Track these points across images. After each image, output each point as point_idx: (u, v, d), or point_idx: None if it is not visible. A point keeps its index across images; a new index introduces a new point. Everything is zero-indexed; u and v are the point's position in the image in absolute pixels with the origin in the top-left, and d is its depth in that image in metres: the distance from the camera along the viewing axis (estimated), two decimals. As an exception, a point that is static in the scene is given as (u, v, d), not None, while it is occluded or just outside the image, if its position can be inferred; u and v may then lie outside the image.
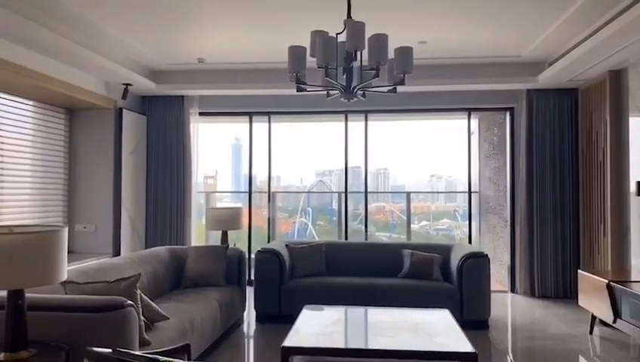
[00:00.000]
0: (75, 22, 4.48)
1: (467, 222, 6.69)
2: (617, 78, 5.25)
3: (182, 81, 6.34)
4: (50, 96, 5.27)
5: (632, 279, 4.41)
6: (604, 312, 4.29)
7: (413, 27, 4.80)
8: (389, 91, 3.72)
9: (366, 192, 6.83)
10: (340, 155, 6.92)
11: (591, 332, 4.61)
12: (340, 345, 3.07)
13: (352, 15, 3.53)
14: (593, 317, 4.62)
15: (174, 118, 6.68)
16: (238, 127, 8.16)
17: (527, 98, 6.26)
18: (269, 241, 6.86)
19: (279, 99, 6.58)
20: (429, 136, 7.93)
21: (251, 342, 4.70)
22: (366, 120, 6.80)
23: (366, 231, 6.81)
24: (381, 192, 8.68)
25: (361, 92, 3.75)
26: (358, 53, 3.41)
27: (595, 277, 4.49)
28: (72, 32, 4.50)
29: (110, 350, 1.87)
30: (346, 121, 6.82)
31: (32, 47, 4.47)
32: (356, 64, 3.53)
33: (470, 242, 6.60)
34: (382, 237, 8.70)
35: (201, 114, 6.80)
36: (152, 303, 3.27)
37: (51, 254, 2.30)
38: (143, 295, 3.14)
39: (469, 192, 6.72)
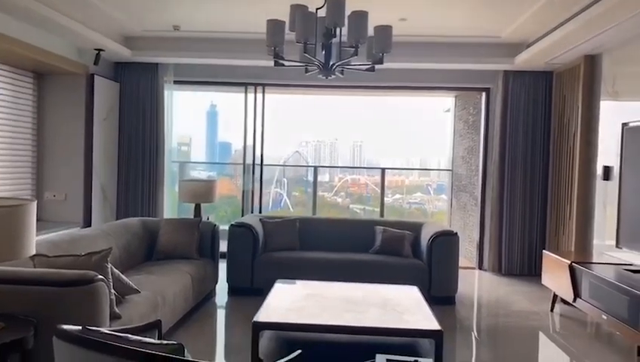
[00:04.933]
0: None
1: (439, 196, 6.80)
2: (592, 62, 5.33)
3: (157, 48, 6.17)
4: (17, 60, 5.07)
5: (593, 261, 4.58)
6: (565, 291, 4.47)
7: (393, 3, 4.75)
8: (367, 70, 3.71)
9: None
10: (317, 128, 6.93)
11: (552, 310, 4.80)
12: (310, 321, 3.12)
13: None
14: (555, 296, 4.80)
15: (148, 86, 6.53)
16: (213, 95, 8.04)
17: (503, 79, 6.32)
18: (242, 213, 6.86)
19: (256, 69, 6.47)
20: (406, 112, 7.98)
21: (223, 314, 4.75)
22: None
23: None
24: (356, 167, 8.75)
25: (340, 69, 3.73)
26: (338, 30, 3.38)
27: (558, 257, 4.66)
28: (41, -7, 4.31)
29: (80, 327, 1.87)
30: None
31: (-1, 8, 4.28)
32: (335, 40, 3.50)
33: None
34: (356, 209, 8.81)
35: (176, 82, 6.66)
36: (123, 276, 3.26)
37: (19, 229, 2.26)
38: (114, 268, 3.12)
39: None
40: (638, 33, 4.44)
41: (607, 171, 4.93)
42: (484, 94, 6.66)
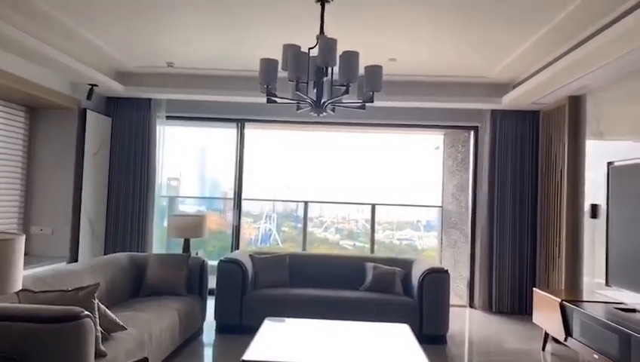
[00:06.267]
0: (41, 19, 4.35)
1: (429, 233, 6.81)
2: (576, 103, 5.47)
3: (150, 84, 6.24)
4: (9, 94, 5.09)
5: (584, 299, 4.58)
6: (556, 330, 4.44)
7: (383, 44, 4.87)
8: (358, 108, 3.77)
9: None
10: (308, 163, 6.97)
11: (543, 349, 4.76)
12: (299, 360, 3.07)
13: (324, 27, 3.58)
14: (546, 334, 4.77)
15: (140, 121, 6.57)
16: (205, 130, 8.09)
17: (491, 118, 6.45)
18: (232, 249, 6.80)
19: (249, 106, 6.56)
20: (395, 150, 8.08)
21: (210, 353, 4.65)
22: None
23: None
24: (346, 203, 8.75)
25: (331, 107, 3.79)
26: (329, 69, 3.45)
27: (548, 295, 4.65)
28: (36, 28, 4.36)
29: (64, 366, 1.82)
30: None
31: (-7, 43, 4.32)
32: (327, 79, 3.57)
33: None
34: (346, 245, 8.77)
35: (168, 117, 6.72)
36: (109, 313, 3.20)
37: (6, 264, 2.22)
38: (100, 304, 3.07)
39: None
40: (618, 76, 4.59)
41: (594, 209, 4.99)
42: (472, 132, 6.78)
